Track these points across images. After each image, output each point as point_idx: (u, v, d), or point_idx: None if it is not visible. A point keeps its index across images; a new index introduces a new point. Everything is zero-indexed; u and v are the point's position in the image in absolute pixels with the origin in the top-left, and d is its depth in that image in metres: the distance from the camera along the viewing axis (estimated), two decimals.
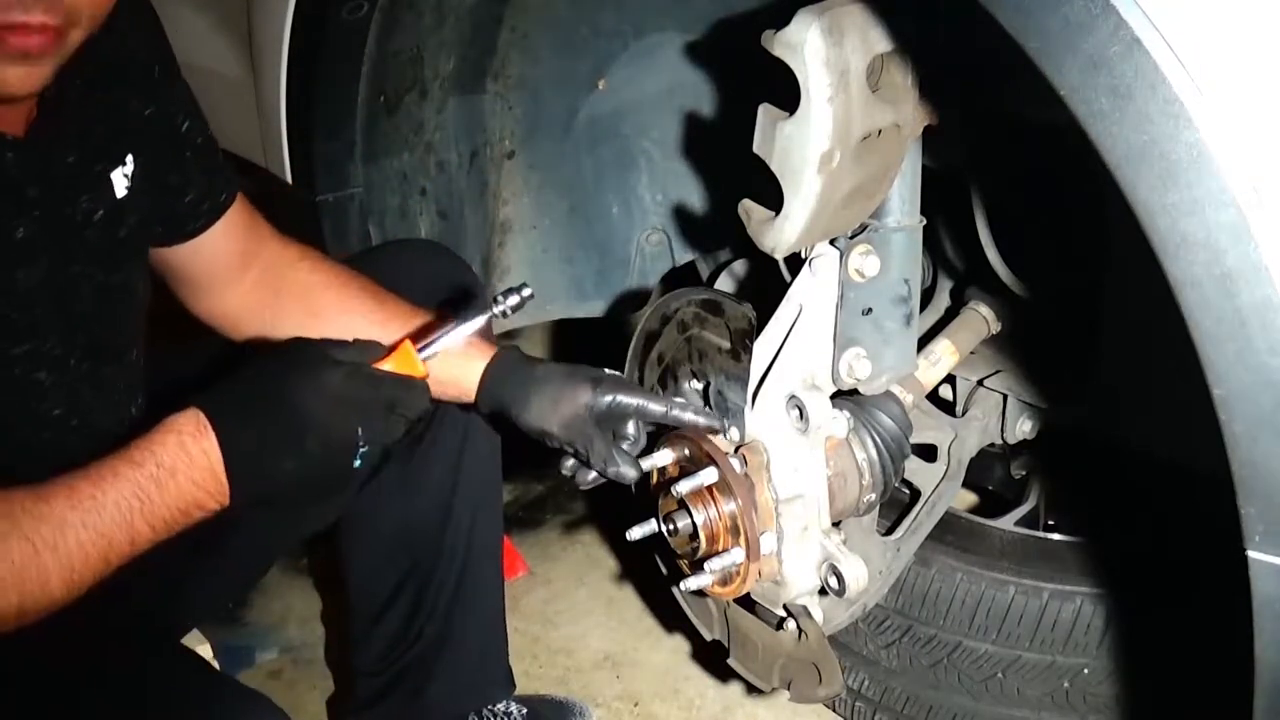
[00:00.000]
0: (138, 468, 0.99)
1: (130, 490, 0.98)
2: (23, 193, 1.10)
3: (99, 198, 1.20)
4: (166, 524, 1.00)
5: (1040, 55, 0.75)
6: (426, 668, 1.57)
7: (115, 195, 1.22)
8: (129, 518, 0.98)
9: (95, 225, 1.19)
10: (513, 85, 1.76)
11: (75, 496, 0.97)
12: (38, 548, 0.95)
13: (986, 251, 1.51)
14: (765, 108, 1.04)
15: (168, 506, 0.99)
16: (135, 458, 0.99)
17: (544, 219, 1.89)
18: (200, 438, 1.00)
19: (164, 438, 1.00)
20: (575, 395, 1.22)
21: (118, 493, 0.98)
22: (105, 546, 0.97)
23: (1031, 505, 1.70)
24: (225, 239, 1.39)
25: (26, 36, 0.98)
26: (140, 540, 0.99)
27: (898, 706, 1.61)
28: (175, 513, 1.00)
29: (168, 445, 0.99)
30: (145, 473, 0.98)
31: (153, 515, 0.99)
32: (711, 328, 1.23)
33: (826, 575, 1.23)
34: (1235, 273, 0.71)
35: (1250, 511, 0.76)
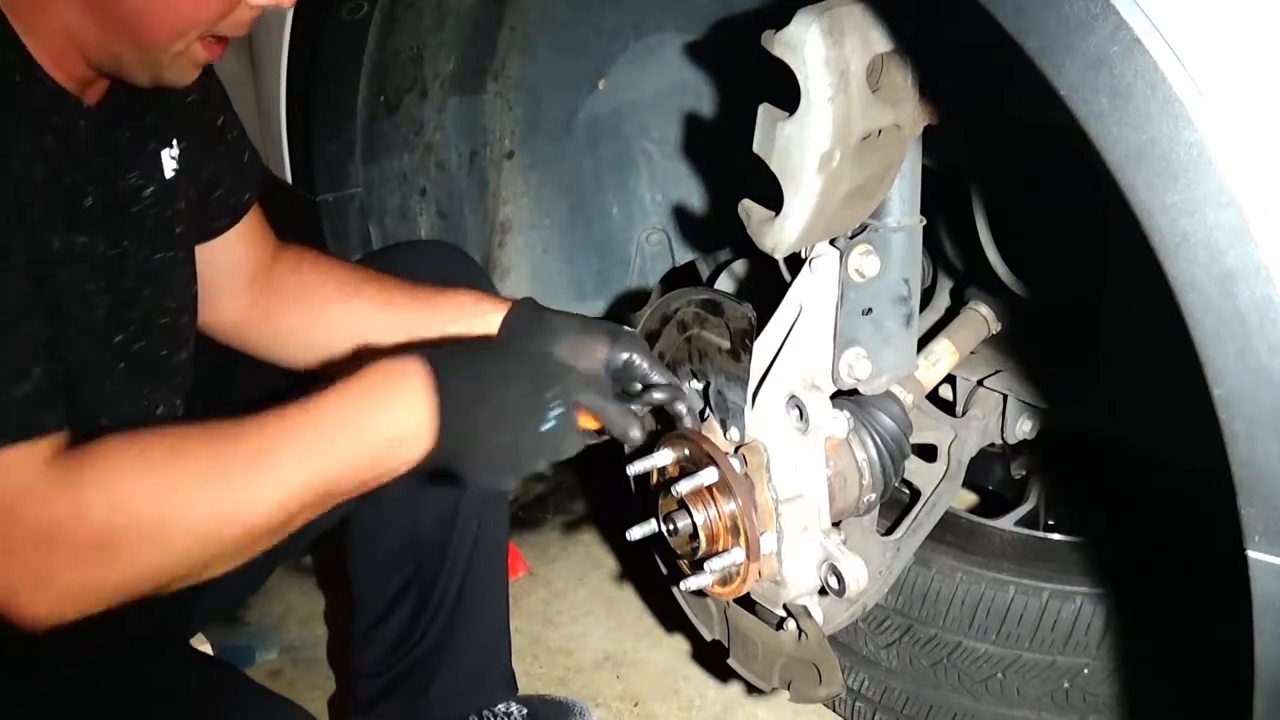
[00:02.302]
0: (344, 397, 1.00)
1: (340, 414, 0.99)
2: (91, 161, 1.13)
3: (150, 175, 1.22)
4: (373, 455, 1.00)
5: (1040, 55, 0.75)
6: (429, 669, 1.57)
7: (165, 175, 1.24)
8: (343, 437, 0.99)
9: (144, 201, 1.21)
10: (513, 85, 1.76)
11: (287, 419, 0.98)
12: (246, 456, 0.96)
13: (986, 251, 1.51)
14: (765, 108, 1.04)
15: (380, 431, 1.00)
16: (342, 389, 1.01)
17: (544, 219, 1.89)
18: (409, 373, 1.02)
19: (368, 374, 1.02)
20: (593, 347, 1.23)
21: (330, 415, 0.99)
22: (319, 464, 0.98)
23: (1031, 505, 1.70)
24: (238, 242, 1.39)
25: (219, 49, 1.10)
26: (348, 467, 0.99)
27: (898, 706, 1.62)
28: (380, 443, 1.00)
29: (374, 377, 1.02)
30: (350, 401, 1.00)
31: (362, 439, 0.99)
32: (711, 328, 1.23)
33: (826, 575, 1.23)
34: (1235, 273, 0.71)
35: (1250, 511, 0.76)
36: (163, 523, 0.94)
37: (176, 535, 0.95)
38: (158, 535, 0.94)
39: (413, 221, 1.78)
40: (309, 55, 1.60)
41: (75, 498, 0.93)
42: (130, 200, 1.20)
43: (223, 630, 1.99)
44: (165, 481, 0.95)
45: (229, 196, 1.37)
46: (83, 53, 1.07)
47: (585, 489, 2.43)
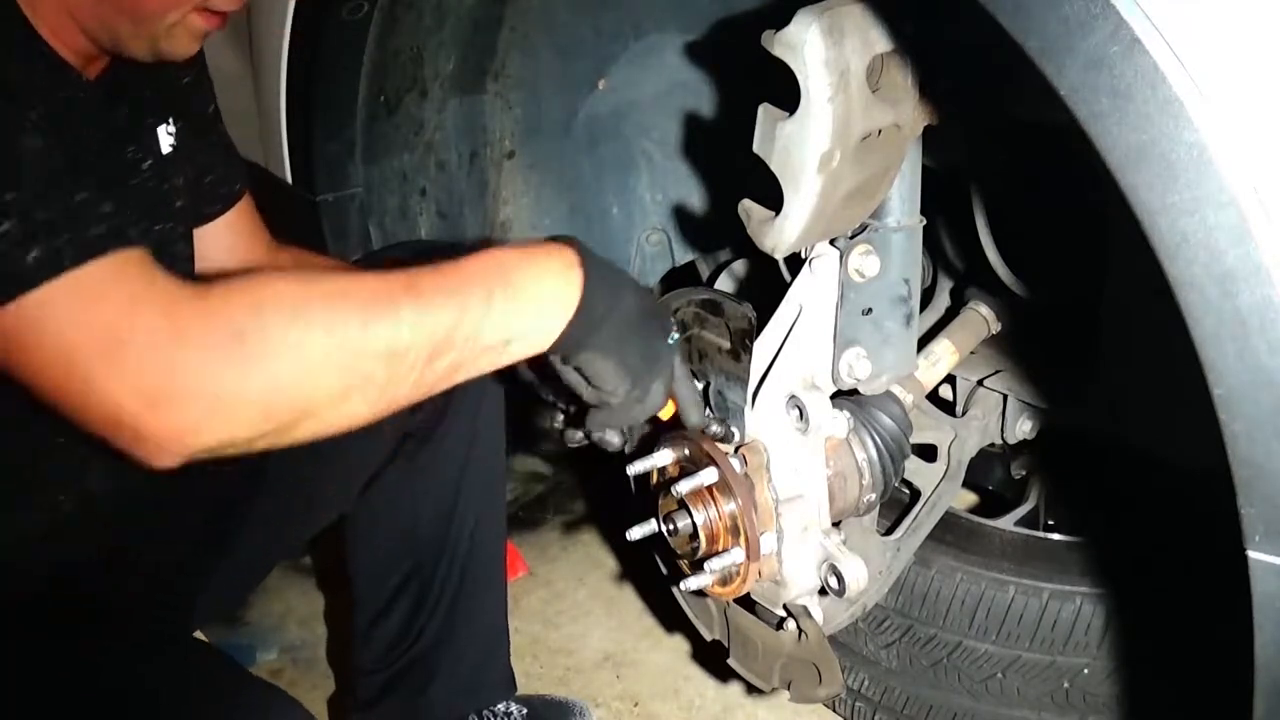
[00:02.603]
0: (500, 251, 0.98)
1: (492, 263, 0.96)
2: (88, 131, 1.14)
3: (148, 149, 1.24)
4: (517, 308, 0.95)
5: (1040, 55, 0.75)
6: (427, 667, 1.57)
7: (161, 150, 1.25)
8: (490, 283, 0.94)
9: (144, 174, 1.23)
10: (513, 85, 1.76)
11: (435, 267, 0.94)
12: (391, 284, 0.90)
13: (986, 251, 1.51)
14: (765, 108, 1.04)
15: (526, 287, 0.96)
16: (491, 249, 0.98)
17: (544, 219, 1.89)
18: (564, 246, 1.00)
19: (528, 241, 1.01)
20: None
21: (479, 263, 0.95)
22: (463, 302, 0.92)
23: (1031, 505, 1.70)
24: (230, 234, 1.41)
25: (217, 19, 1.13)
26: (494, 313, 0.93)
27: (898, 706, 1.62)
28: (528, 299, 0.96)
29: (529, 242, 1.00)
30: (508, 254, 0.97)
31: (510, 288, 0.95)
32: (711, 328, 1.23)
33: (826, 575, 1.23)
34: (1235, 273, 0.71)
35: (1250, 511, 0.76)
36: (305, 325, 0.85)
37: (317, 343, 0.85)
38: (299, 340, 0.85)
39: (413, 221, 1.78)
40: (309, 55, 1.60)
41: (204, 300, 0.84)
42: (130, 172, 1.21)
43: (223, 630, 1.99)
44: (308, 289, 0.88)
45: (221, 184, 1.39)
46: (81, 26, 1.09)
47: (585, 489, 2.43)
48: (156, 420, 0.82)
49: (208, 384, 0.83)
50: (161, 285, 0.86)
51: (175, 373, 0.82)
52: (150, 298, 0.84)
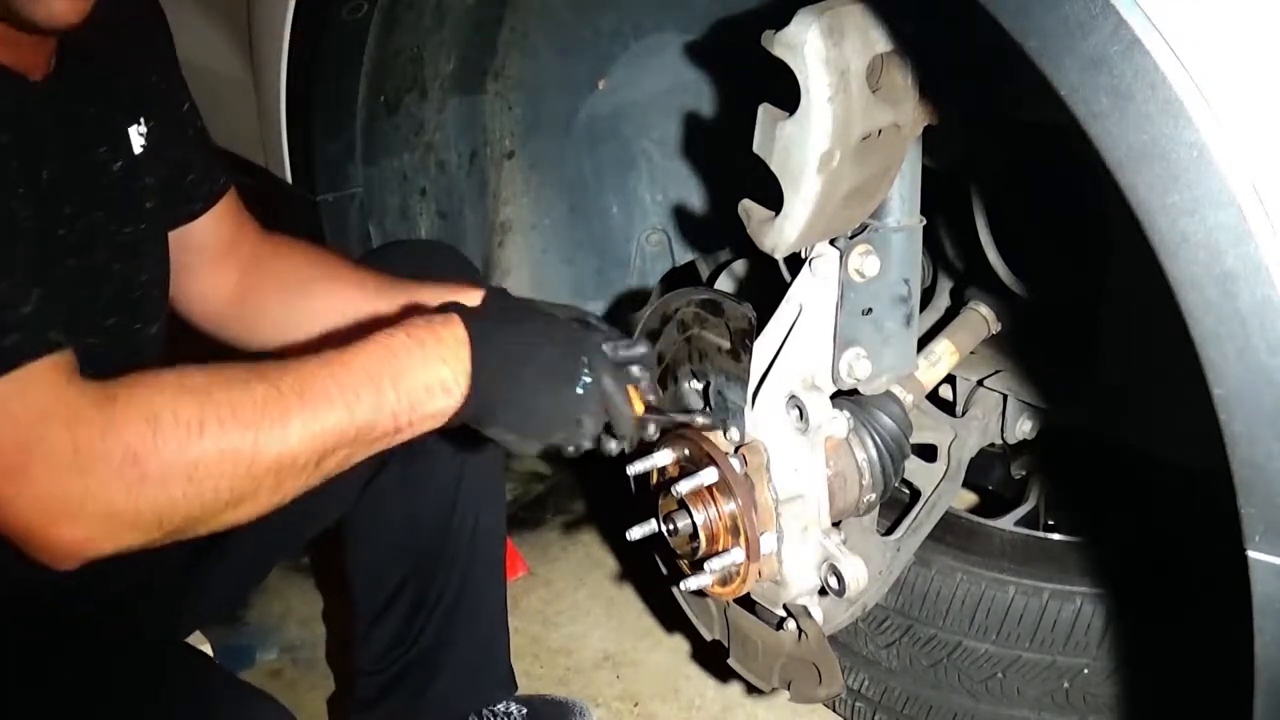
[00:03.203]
0: (390, 337, 0.99)
1: (382, 352, 0.98)
2: (45, 136, 1.11)
3: (117, 149, 1.22)
4: (411, 397, 0.98)
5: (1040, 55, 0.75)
6: (427, 668, 1.57)
7: (133, 150, 1.24)
8: (378, 376, 0.97)
9: (113, 174, 1.21)
10: (513, 85, 1.76)
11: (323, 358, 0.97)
12: (283, 392, 0.93)
13: (986, 251, 1.51)
14: (765, 108, 1.04)
15: (415, 376, 0.98)
16: (388, 331, 1.00)
17: (544, 219, 1.88)
18: (451, 324, 1.02)
19: (412, 320, 1.02)
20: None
21: (368, 353, 0.98)
22: (352, 402, 0.95)
23: (1031, 505, 1.70)
24: (216, 226, 1.40)
25: None
26: (384, 409, 0.97)
27: (898, 706, 1.61)
28: (420, 387, 0.99)
29: (416, 324, 1.01)
30: (396, 340, 0.99)
31: (400, 381, 0.98)
32: (711, 328, 1.23)
33: (826, 575, 1.23)
34: (1235, 273, 0.71)
35: (1250, 511, 0.76)
36: (198, 445, 0.90)
37: (210, 462, 0.91)
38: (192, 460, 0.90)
39: (413, 221, 1.77)
40: (309, 55, 1.60)
41: (108, 414, 0.89)
42: (99, 173, 1.19)
43: (223, 630, 1.99)
44: (202, 405, 0.91)
45: (202, 181, 1.38)
46: None
47: (585, 489, 2.43)
48: (57, 533, 0.89)
49: (103, 505, 0.88)
50: (68, 397, 0.90)
51: (73, 494, 0.88)
52: (56, 412, 0.89)
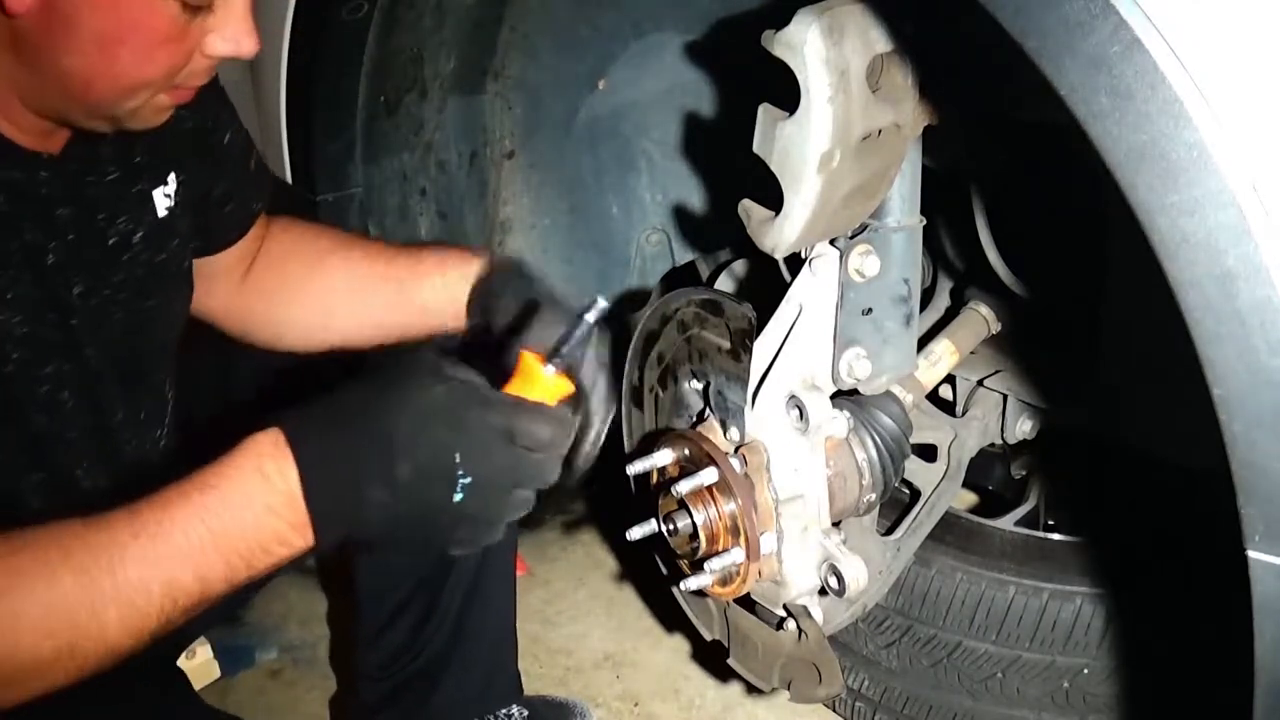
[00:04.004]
0: (208, 491, 0.86)
1: (199, 517, 0.85)
2: (54, 213, 1.07)
3: (140, 218, 1.16)
4: (244, 560, 0.87)
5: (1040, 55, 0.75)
6: (434, 676, 1.56)
7: (157, 215, 1.19)
8: (198, 548, 0.85)
9: (134, 248, 1.16)
10: (513, 85, 1.76)
11: (137, 523, 0.85)
12: (94, 578, 0.83)
13: (986, 251, 1.51)
14: (765, 108, 1.04)
15: (244, 538, 0.86)
16: (207, 481, 0.87)
17: (544, 219, 1.89)
18: (279, 459, 0.87)
19: (240, 460, 0.88)
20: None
21: (185, 520, 0.85)
22: (169, 581, 0.85)
23: (1031, 505, 1.70)
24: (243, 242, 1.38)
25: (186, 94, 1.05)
26: (213, 578, 0.86)
27: (898, 706, 1.61)
28: (253, 547, 0.87)
29: (244, 469, 0.87)
30: (216, 496, 0.86)
31: (226, 547, 0.86)
32: (711, 328, 1.23)
33: (826, 575, 1.23)
34: (1235, 273, 0.71)
35: (1250, 511, 0.76)
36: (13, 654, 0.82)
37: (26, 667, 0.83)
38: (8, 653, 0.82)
39: (413, 221, 1.78)
40: (309, 55, 1.60)
41: None
42: (119, 249, 1.15)
43: (223, 630, 1.99)
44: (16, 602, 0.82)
45: (239, 210, 1.34)
46: (30, 107, 1.02)
47: (585, 489, 2.43)
48: None
49: None
50: None
51: None
52: None
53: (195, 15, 0.97)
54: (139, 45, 0.96)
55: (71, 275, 1.10)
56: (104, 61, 0.96)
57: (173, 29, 0.96)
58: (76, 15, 0.93)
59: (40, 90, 1.00)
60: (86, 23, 0.94)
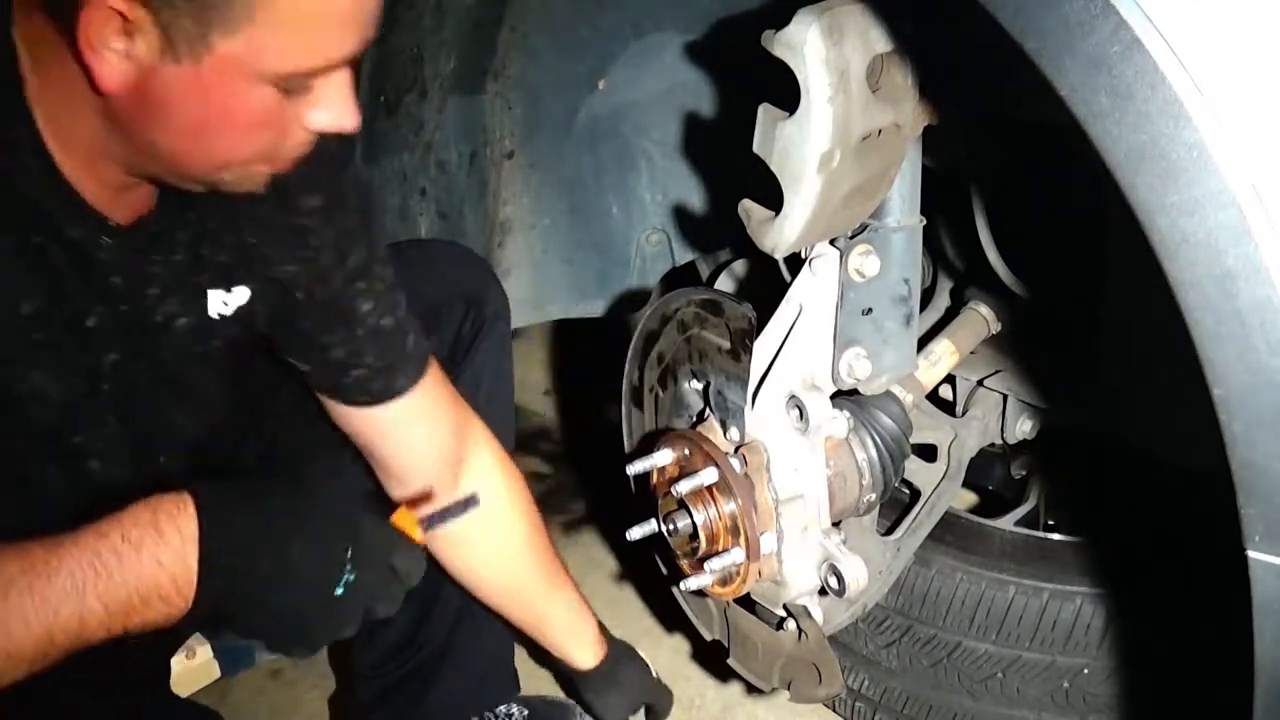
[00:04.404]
0: (101, 537, 0.89)
1: (87, 559, 0.88)
2: (105, 281, 1.06)
3: (188, 307, 1.14)
4: (121, 607, 0.89)
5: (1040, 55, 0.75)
6: (432, 671, 1.56)
7: (206, 312, 1.16)
8: (80, 589, 0.87)
9: (176, 331, 1.14)
10: (513, 85, 1.75)
11: (28, 559, 0.87)
12: None
13: (986, 251, 1.51)
14: (765, 108, 1.04)
15: (125, 586, 0.88)
16: (102, 528, 0.90)
17: (544, 219, 1.88)
18: (177, 516, 0.91)
19: (138, 512, 0.91)
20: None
21: (73, 560, 0.88)
22: (50, 617, 0.86)
23: (1031, 505, 1.70)
24: (409, 425, 1.32)
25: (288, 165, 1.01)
26: (91, 620, 0.88)
27: (898, 706, 1.62)
28: (132, 596, 0.89)
29: (139, 520, 0.90)
30: (107, 543, 0.89)
31: (106, 592, 0.88)
32: (711, 328, 1.23)
33: (826, 575, 1.23)
34: (1235, 273, 0.71)
35: (1250, 511, 0.76)
36: None
37: None
38: None
39: (413, 221, 1.77)
40: None
41: None
42: (161, 331, 1.13)
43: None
44: None
45: (373, 379, 1.27)
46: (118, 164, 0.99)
47: (585, 489, 2.43)
48: None
49: None
50: None
51: None
52: None
53: (291, 96, 0.94)
54: (234, 129, 0.94)
55: (107, 343, 1.09)
56: (198, 142, 0.94)
57: (269, 112, 0.94)
58: (169, 102, 0.91)
59: (133, 156, 0.98)
60: (178, 108, 0.91)
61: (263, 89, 0.91)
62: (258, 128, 0.94)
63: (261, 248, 1.16)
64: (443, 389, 1.34)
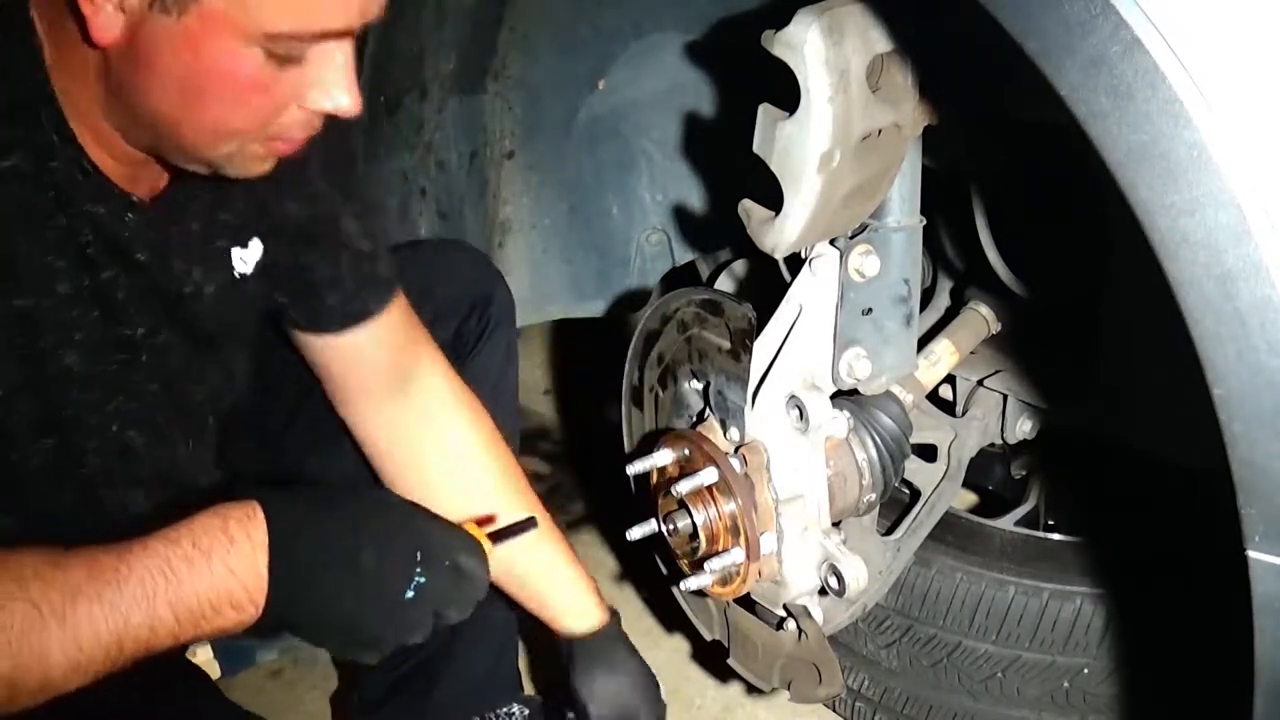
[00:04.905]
0: (171, 544, 0.89)
1: (157, 565, 0.87)
2: (131, 256, 1.06)
3: (214, 272, 1.15)
4: (192, 615, 0.88)
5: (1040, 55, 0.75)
6: (434, 670, 1.56)
7: (233, 274, 1.17)
8: (151, 596, 0.87)
9: (205, 299, 1.15)
10: (513, 85, 1.75)
11: (96, 567, 0.86)
12: (44, 614, 0.83)
13: (986, 251, 1.51)
14: (765, 108, 1.04)
15: (196, 594, 0.88)
16: (171, 535, 0.90)
17: (544, 219, 1.88)
18: (247, 523, 0.91)
19: (208, 520, 0.91)
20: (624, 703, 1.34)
21: (143, 567, 0.87)
22: (120, 626, 0.85)
23: (1031, 505, 1.70)
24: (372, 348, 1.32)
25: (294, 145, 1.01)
26: (161, 629, 0.87)
27: (898, 706, 1.62)
28: (204, 604, 0.89)
29: (210, 527, 0.90)
30: (178, 551, 0.88)
31: (177, 600, 0.87)
32: (711, 328, 1.23)
33: (826, 575, 1.23)
34: (1235, 273, 0.71)
35: (1250, 511, 0.76)
36: None
37: None
38: None
39: (413, 221, 1.77)
40: None
41: None
42: (190, 301, 1.13)
43: None
44: None
45: (346, 303, 1.28)
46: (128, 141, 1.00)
47: (585, 489, 2.43)
48: None
49: None
50: None
51: None
52: None
53: (283, 66, 0.93)
54: (224, 93, 0.93)
55: (137, 315, 1.09)
56: (189, 106, 0.94)
57: (259, 78, 0.92)
58: (159, 57, 0.90)
59: (135, 127, 0.98)
60: (169, 65, 0.91)
61: (252, 51, 0.90)
62: (247, 93, 0.93)
63: (265, 195, 1.16)
64: (408, 310, 1.35)
